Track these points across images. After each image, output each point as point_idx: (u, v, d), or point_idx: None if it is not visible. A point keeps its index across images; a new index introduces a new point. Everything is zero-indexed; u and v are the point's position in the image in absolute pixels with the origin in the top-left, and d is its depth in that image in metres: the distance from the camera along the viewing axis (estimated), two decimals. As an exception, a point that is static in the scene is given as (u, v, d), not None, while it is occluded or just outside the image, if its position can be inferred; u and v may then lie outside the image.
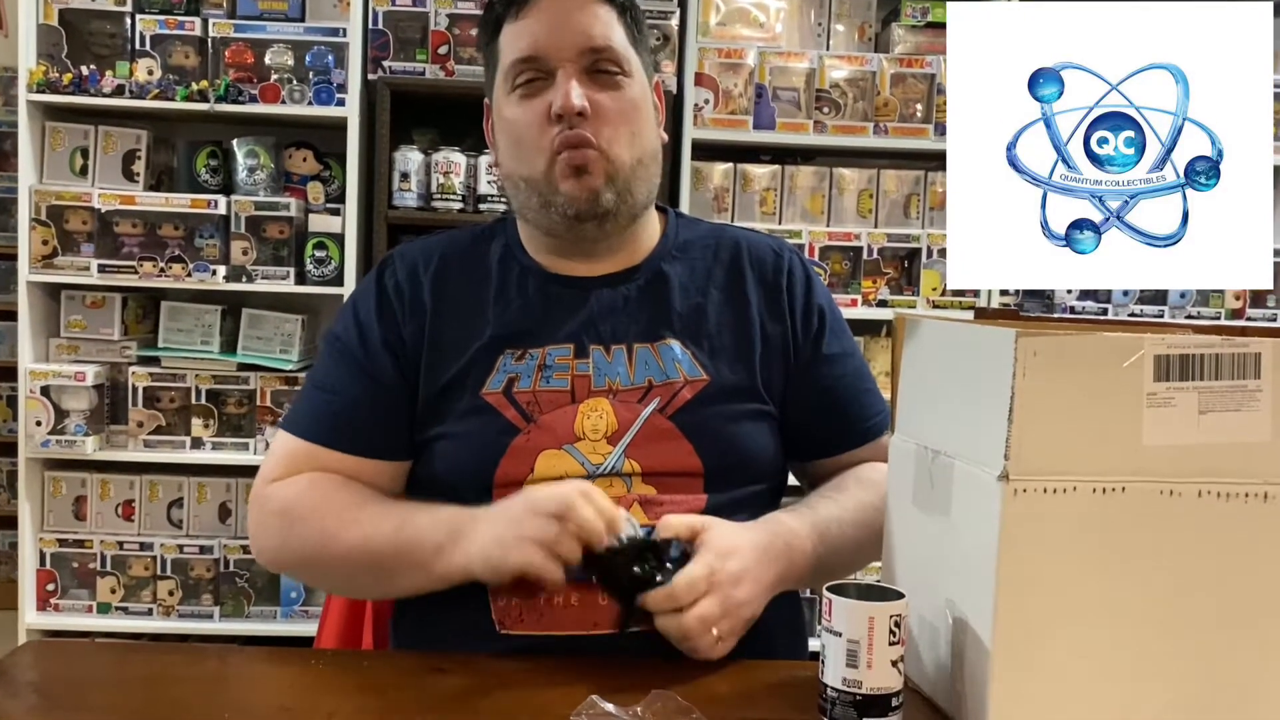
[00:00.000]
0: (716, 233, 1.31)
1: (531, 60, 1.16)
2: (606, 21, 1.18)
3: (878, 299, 2.67)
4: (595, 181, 1.16)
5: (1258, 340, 0.88)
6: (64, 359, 2.61)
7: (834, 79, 2.64)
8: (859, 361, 1.32)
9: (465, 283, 1.23)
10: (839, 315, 1.31)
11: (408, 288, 1.22)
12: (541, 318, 1.21)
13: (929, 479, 1.01)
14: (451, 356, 1.19)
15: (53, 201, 2.54)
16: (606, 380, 1.18)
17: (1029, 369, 0.86)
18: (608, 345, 1.19)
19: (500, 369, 1.18)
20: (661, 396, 1.17)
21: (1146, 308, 2.69)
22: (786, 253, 1.30)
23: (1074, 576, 0.88)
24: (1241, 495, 0.88)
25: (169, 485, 2.66)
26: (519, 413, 1.16)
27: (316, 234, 2.61)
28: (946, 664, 0.95)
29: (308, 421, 1.21)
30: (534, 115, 1.16)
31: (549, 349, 1.19)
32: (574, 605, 1.11)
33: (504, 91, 1.19)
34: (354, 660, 1.19)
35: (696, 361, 1.19)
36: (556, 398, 1.17)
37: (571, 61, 1.16)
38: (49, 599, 2.62)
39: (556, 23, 1.16)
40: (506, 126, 1.20)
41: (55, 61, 2.55)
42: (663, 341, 1.20)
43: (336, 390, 1.21)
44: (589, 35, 1.16)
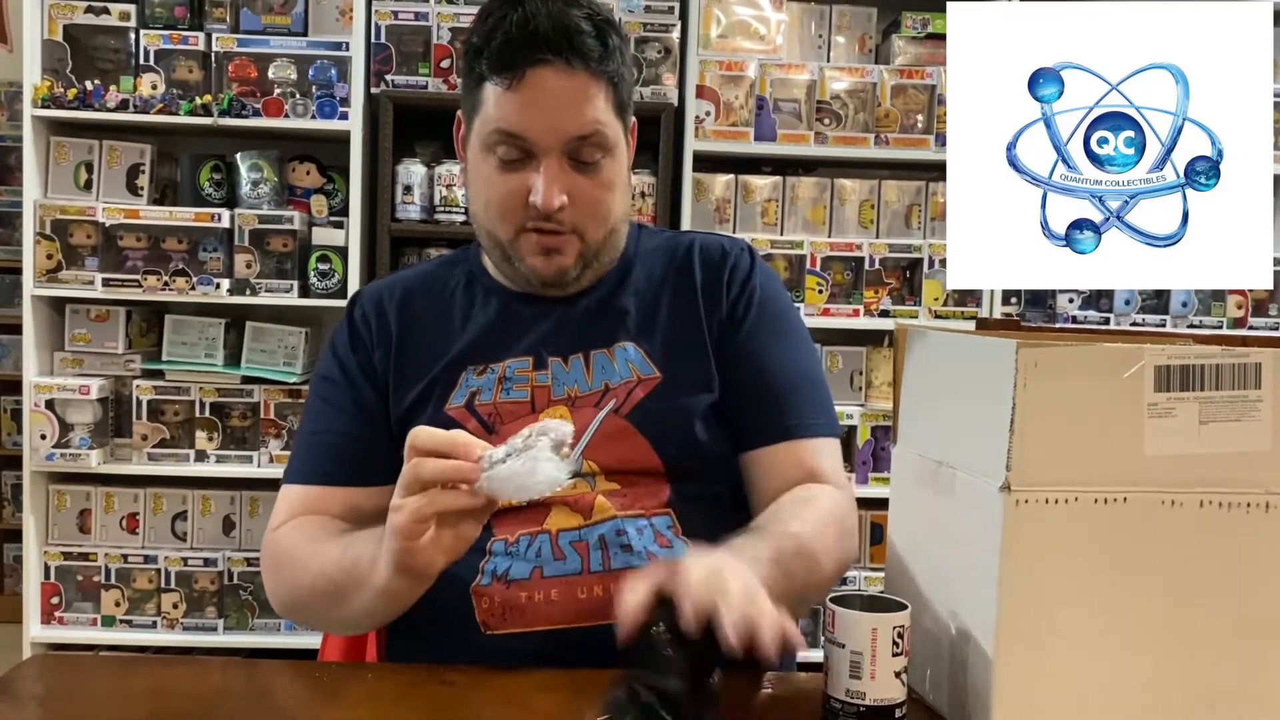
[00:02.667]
0: (674, 239, 1.32)
1: (516, 138, 1.14)
2: (597, 103, 1.14)
3: (879, 309, 2.67)
4: (566, 261, 1.18)
5: (1258, 350, 0.89)
6: (68, 372, 2.62)
7: (835, 90, 2.65)
8: (798, 360, 1.26)
9: (429, 308, 1.26)
10: (782, 311, 1.28)
11: (374, 318, 1.25)
12: (503, 334, 1.23)
13: (931, 490, 1.01)
14: (416, 377, 1.22)
15: (57, 215, 2.55)
16: (565, 389, 1.19)
17: (1030, 380, 0.86)
18: (565, 356, 1.21)
19: (463, 385, 1.21)
20: (617, 397, 1.18)
21: (1149, 317, 2.69)
22: (735, 247, 1.29)
23: (1076, 587, 0.88)
24: (1243, 505, 0.88)
25: (173, 498, 2.66)
26: (480, 424, 1.18)
27: (320, 247, 2.62)
28: (949, 674, 0.96)
29: (300, 467, 1.23)
30: (511, 194, 1.16)
31: (509, 362, 1.21)
32: (555, 600, 1.12)
33: (481, 144, 1.17)
34: (358, 673, 1.19)
35: (649, 359, 1.21)
36: (516, 408, 1.19)
37: (556, 150, 1.14)
38: (53, 612, 2.62)
39: (547, 109, 1.13)
40: (480, 183, 1.19)
41: (60, 76, 2.56)
42: (618, 344, 1.21)
43: (323, 429, 1.23)
44: (577, 124, 1.14)
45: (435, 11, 2.61)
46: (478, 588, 1.14)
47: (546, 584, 1.13)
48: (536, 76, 1.12)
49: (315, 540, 1.15)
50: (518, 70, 1.12)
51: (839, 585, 2.81)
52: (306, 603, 1.16)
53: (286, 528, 1.19)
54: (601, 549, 1.13)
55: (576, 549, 1.14)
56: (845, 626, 0.90)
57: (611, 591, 1.11)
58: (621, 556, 1.13)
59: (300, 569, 1.14)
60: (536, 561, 1.14)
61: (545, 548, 1.14)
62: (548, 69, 1.12)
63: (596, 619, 1.11)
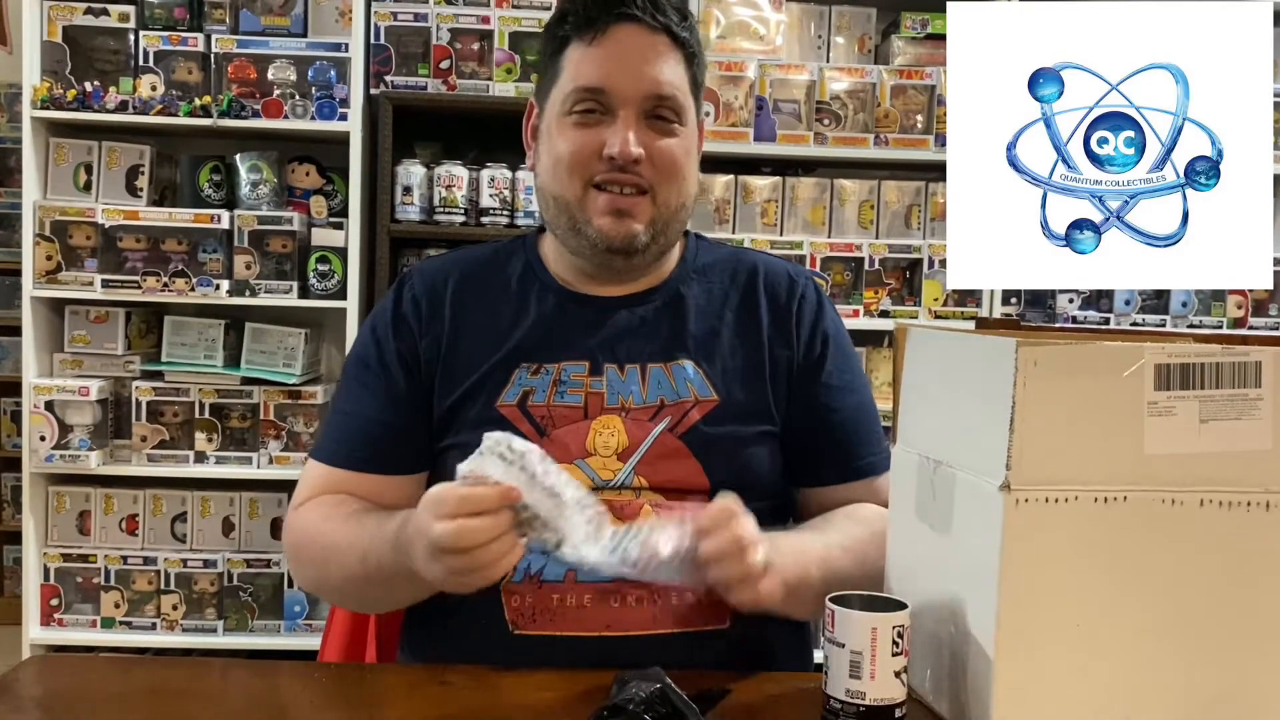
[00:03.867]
0: (735, 257, 1.31)
1: (595, 92, 1.16)
2: (675, 69, 1.18)
3: (879, 310, 2.67)
4: (637, 226, 1.17)
5: (1258, 349, 0.88)
6: (68, 374, 2.62)
7: (834, 91, 2.65)
8: (863, 399, 1.29)
9: (484, 298, 1.24)
10: (848, 350, 1.30)
11: (425, 302, 1.24)
12: (559, 334, 1.21)
13: (930, 489, 1.01)
14: (468, 370, 1.20)
15: (56, 217, 2.55)
16: (619, 398, 1.18)
17: (1030, 379, 0.86)
18: (622, 364, 1.20)
19: (516, 382, 1.19)
20: (672, 416, 1.17)
21: (1149, 317, 2.69)
22: (802, 279, 1.30)
23: (1076, 586, 0.88)
24: (1243, 504, 0.88)
25: (172, 499, 2.66)
26: (533, 426, 1.17)
27: (319, 248, 2.62)
28: (949, 674, 0.95)
29: (331, 446, 1.23)
30: (585, 145, 1.16)
31: (565, 365, 1.19)
32: (586, 606, 1.11)
33: (558, 111, 1.18)
34: (358, 673, 1.19)
35: (708, 381, 1.20)
36: (570, 413, 1.18)
37: (634, 105, 1.15)
38: (53, 614, 2.61)
39: (628, 62, 1.15)
40: (553, 145, 1.19)
41: (59, 78, 2.56)
42: (676, 362, 1.20)
43: (357, 412, 1.23)
44: (657, 81, 1.16)
45: (435, 13, 2.61)
46: (509, 585, 1.13)
47: (580, 589, 1.12)
48: (620, 31, 1.16)
49: (334, 526, 1.16)
50: (601, 25, 1.15)
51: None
52: (334, 591, 1.21)
53: (306, 509, 1.20)
54: None
55: None
56: (845, 626, 0.90)
57: (646, 602, 1.12)
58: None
59: (320, 557, 1.16)
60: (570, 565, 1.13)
61: None
62: (631, 25, 1.16)
63: (628, 628, 1.11)
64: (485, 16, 2.62)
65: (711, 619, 1.13)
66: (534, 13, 2.63)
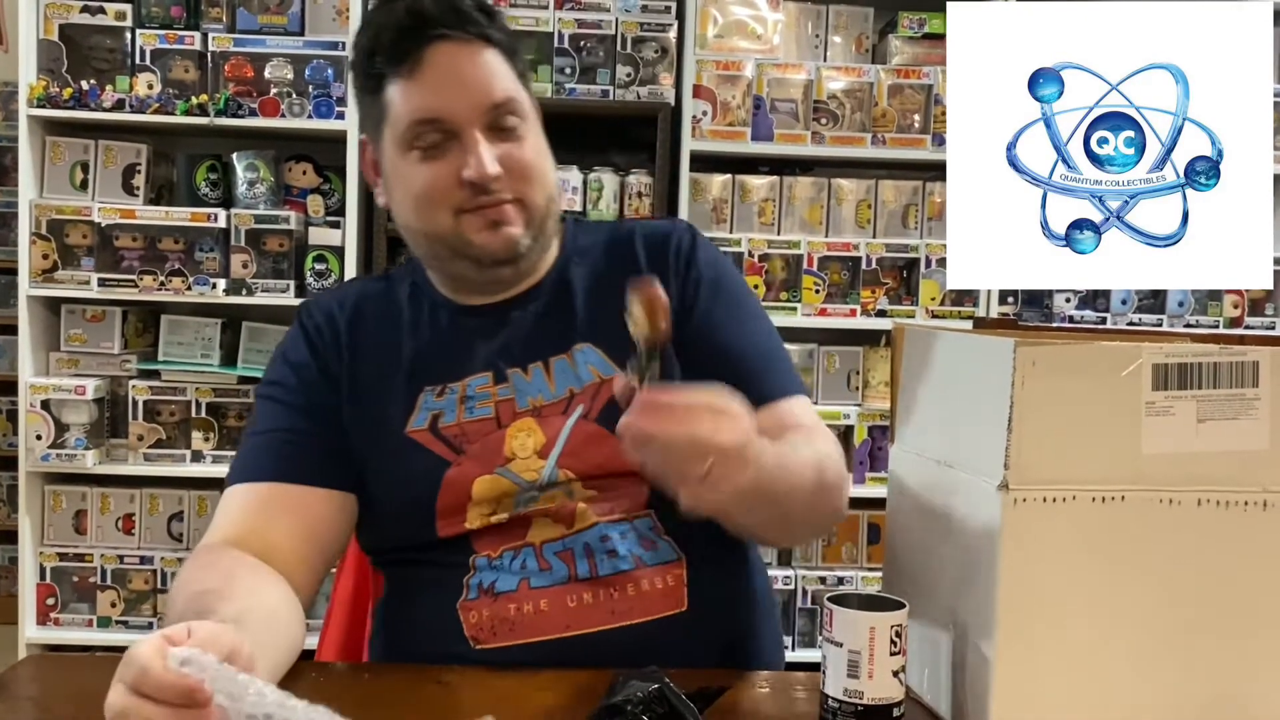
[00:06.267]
0: (613, 230, 1.29)
1: (433, 123, 1.11)
2: (500, 71, 1.14)
3: (876, 309, 2.67)
4: (514, 231, 1.14)
5: (1255, 349, 0.88)
6: (64, 373, 2.61)
7: (832, 90, 2.65)
8: (755, 334, 1.23)
9: (379, 322, 1.22)
10: (732, 286, 1.25)
11: (327, 329, 1.21)
12: (457, 351, 1.19)
13: (929, 489, 1.01)
14: (372, 394, 1.18)
15: (53, 215, 2.54)
16: (530, 400, 1.16)
17: (1028, 378, 0.86)
18: (525, 366, 1.18)
19: (422, 407, 1.17)
20: (584, 403, 1.16)
21: (1145, 316, 2.69)
22: (677, 230, 1.26)
23: (1075, 585, 0.88)
24: (1241, 503, 0.88)
25: (169, 499, 2.66)
26: (447, 446, 1.15)
27: (316, 247, 2.61)
28: (948, 673, 0.95)
29: (247, 466, 1.16)
30: (441, 177, 1.12)
31: (468, 380, 1.17)
32: (544, 611, 1.11)
33: (399, 149, 1.14)
34: (354, 673, 1.19)
35: (609, 359, 1.17)
36: (483, 426, 1.15)
37: (476, 122, 1.11)
38: (49, 613, 2.61)
39: (455, 82, 1.11)
40: (406, 183, 1.15)
41: (55, 76, 2.56)
42: (576, 348, 1.19)
43: (274, 428, 1.17)
44: (488, 92, 1.12)
45: (432, 11, 2.60)
46: (465, 603, 1.12)
47: (535, 594, 1.11)
48: (435, 53, 1.11)
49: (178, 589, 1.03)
50: (415, 54, 1.11)
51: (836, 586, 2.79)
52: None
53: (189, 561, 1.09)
54: (588, 556, 1.12)
55: (562, 558, 1.12)
56: (843, 625, 0.90)
57: (602, 597, 1.11)
58: (609, 562, 1.12)
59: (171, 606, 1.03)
60: (522, 574, 1.12)
61: (530, 560, 1.12)
62: (445, 44, 1.11)
63: (588, 625, 1.10)
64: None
65: (669, 605, 1.12)
66: (529, 12, 2.63)
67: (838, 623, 0.90)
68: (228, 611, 0.91)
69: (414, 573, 1.18)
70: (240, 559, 1.06)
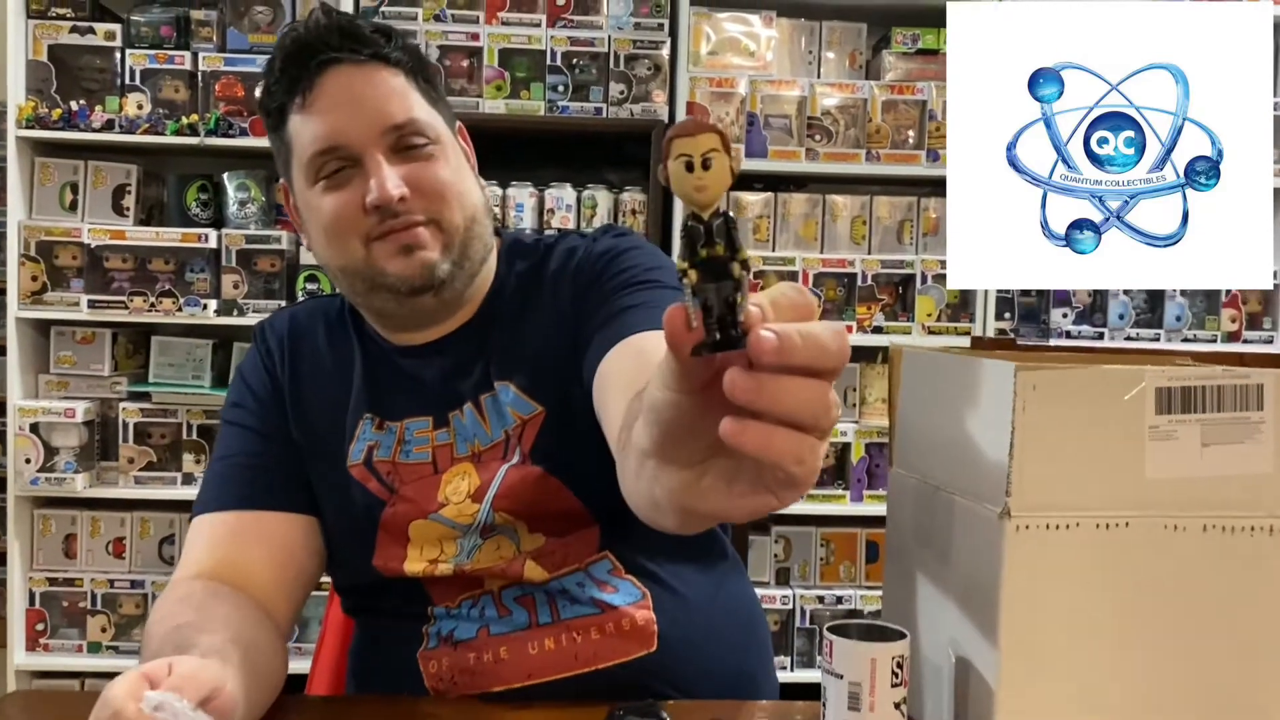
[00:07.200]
0: (547, 248, 1.20)
1: (332, 151, 1.06)
2: (400, 92, 1.08)
3: (872, 325, 2.66)
4: (430, 255, 1.08)
5: (1259, 371, 0.87)
6: (53, 395, 2.59)
7: (825, 106, 2.64)
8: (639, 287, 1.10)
9: (322, 348, 1.19)
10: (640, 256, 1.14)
11: (276, 351, 1.19)
12: (394, 392, 1.15)
13: (929, 515, 0.99)
14: (312, 419, 1.15)
15: (42, 237, 2.53)
16: (469, 445, 1.12)
17: (1029, 403, 0.84)
18: (460, 407, 1.13)
19: (360, 436, 1.14)
20: (516, 444, 1.10)
21: (1143, 331, 2.68)
22: (591, 236, 1.19)
23: (1078, 613, 0.86)
24: (1246, 528, 0.87)
25: (160, 522, 2.63)
26: (381, 484, 1.12)
27: (308, 267, 2.59)
28: (950, 704, 0.93)
29: (214, 495, 1.13)
30: (346, 205, 1.07)
31: (407, 423, 1.13)
32: (505, 659, 1.07)
33: (306, 182, 1.09)
34: (345, 706, 1.17)
35: (525, 395, 1.11)
36: (418, 469, 1.12)
37: (376, 145, 1.06)
38: (38, 639, 2.58)
39: (349, 105, 1.06)
40: (315, 218, 1.10)
41: (45, 97, 2.54)
42: (499, 384, 1.12)
43: (238, 453, 1.15)
44: (387, 114, 1.06)
45: (424, 30, 2.60)
46: (424, 652, 1.09)
47: (495, 642, 1.07)
48: (327, 80, 1.06)
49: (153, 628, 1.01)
50: (307, 82, 1.07)
51: (835, 606, 2.76)
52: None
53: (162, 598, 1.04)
54: (549, 602, 1.08)
55: (522, 604, 1.08)
56: (843, 656, 0.88)
57: (565, 643, 1.07)
58: (571, 607, 1.07)
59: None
60: (481, 621, 1.08)
61: (489, 607, 1.09)
62: (338, 69, 1.06)
63: (551, 673, 1.06)
64: (474, 33, 2.61)
65: (638, 647, 1.07)
66: (524, 29, 2.62)
67: (838, 654, 0.88)
68: (208, 645, 0.89)
69: (376, 621, 1.16)
70: (216, 590, 1.03)
